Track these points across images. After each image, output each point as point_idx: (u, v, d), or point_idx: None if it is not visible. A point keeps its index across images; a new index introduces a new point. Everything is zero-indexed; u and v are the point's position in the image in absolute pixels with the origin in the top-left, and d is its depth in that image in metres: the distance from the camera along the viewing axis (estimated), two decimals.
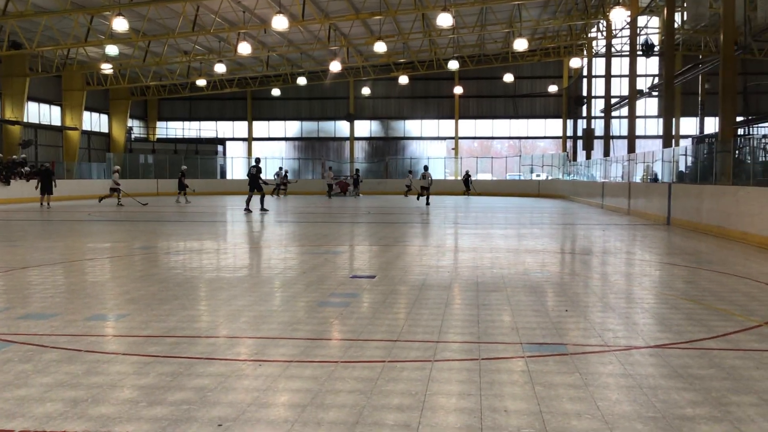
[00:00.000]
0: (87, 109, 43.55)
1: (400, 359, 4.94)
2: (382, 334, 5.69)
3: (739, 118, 34.86)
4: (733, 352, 5.18)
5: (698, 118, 42.08)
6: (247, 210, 22.96)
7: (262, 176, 23.02)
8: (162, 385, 4.30)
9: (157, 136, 52.65)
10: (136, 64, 39.01)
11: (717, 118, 20.04)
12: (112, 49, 32.32)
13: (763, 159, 16.65)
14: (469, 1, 30.88)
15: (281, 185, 39.50)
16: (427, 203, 29.31)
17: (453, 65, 39.17)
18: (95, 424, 3.64)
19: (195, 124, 53.32)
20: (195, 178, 38.86)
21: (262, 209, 23.07)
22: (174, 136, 52.44)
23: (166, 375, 4.52)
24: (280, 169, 42.53)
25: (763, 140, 18.87)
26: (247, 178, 23.32)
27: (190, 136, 52.45)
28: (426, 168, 31.36)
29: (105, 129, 48.07)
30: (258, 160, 23.55)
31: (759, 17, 24.51)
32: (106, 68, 37.77)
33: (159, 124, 53.55)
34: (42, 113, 40.95)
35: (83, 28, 31.15)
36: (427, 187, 29.84)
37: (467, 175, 41.66)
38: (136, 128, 51.69)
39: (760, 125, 35.92)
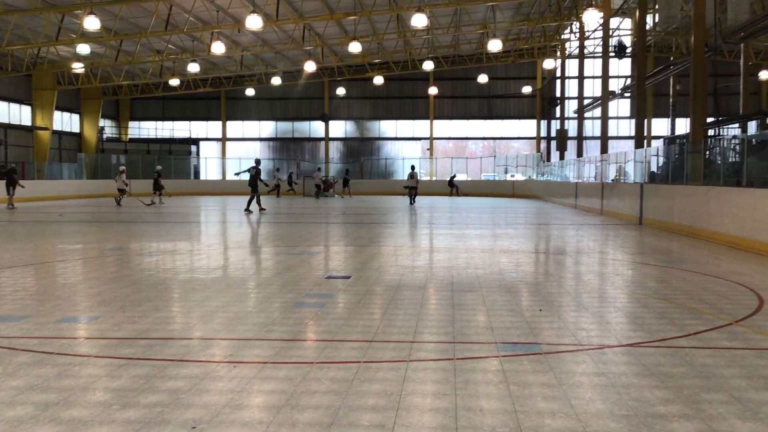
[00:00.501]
0: (58, 108, 42.99)
1: (376, 360, 4.94)
2: (357, 335, 5.69)
3: (709, 119, 35.31)
4: (704, 350, 5.25)
5: (670, 119, 42.60)
6: (248, 210, 23.22)
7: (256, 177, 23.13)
8: (135, 388, 4.26)
9: (129, 136, 52.10)
10: (108, 63, 38.59)
11: (688, 119, 20.34)
12: (83, 48, 31.91)
13: (733, 160, 16.89)
14: (444, 2, 30.99)
15: (288, 186, 39.38)
16: (412, 202, 30.33)
17: (428, 66, 39.26)
18: (67, 428, 3.59)
19: (168, 124, 52.85)
20: (168, 178, 38.49)
21: (247, 209, 23.12)
22: (147, 136, 51.94)
23: (139, 377, 4.48)
24: (278, 170, 42.33)
25: (733, 141, 19.14)
26: (247, 178, 23.40)
27: (163, 136, 51.97)
28: (413, 168, 32.79)
29: (76, 129, 47.48)
30: (258, 162, 23.96)
31: (729, 19, 24.89)
32: (78, 67, 37.31)
33: (131, 123, 53.01)
34: (12, 113, 40.34)
35: (54, 26, 30.76)
36: (414, 187, 31.15)
37: (453, 177, 42.12)
38: (108, 128, 51.11)
39: (730, 126, 36.42)
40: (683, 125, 42.94)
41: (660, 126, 47.50)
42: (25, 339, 5.51)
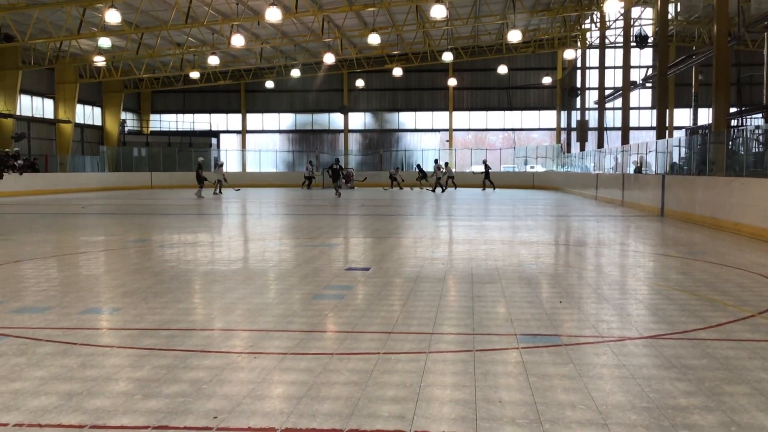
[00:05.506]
0: (80, 101, 43.36)
1: (395, 351, 4.95)
2: (376, 326, 5.70)
3: (732, 110, 34.90)
4: (726, 342, 5.21)
5: (692, 110, 42.10)
6: (338, 195, 29.48)
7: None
8: (157, 378, 4.30)
9: (150, 129, 52.46)
10: (129, 57, 38.85)
11: (710, 110, 20.09)
12: (104, 42, 32.20)
13: (756, 150, 16.67)
14: None
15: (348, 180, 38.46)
16: (443, 190, 35.06)
17: (447, 57, 39.07)
18: (90, 417, 3.64)
19: (189, 117, 53.11)
20: (189, 170, 38.72)
21: (338, 194, 29.63)
22: (167, 129, 52.25)
23: (161, 368, 4.52)
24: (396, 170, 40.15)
25: (756, 131, 18.89)
26: (329, 172, 30.90)
27: (183, 128, 52.26)
28: (436, 161, 37.67)
29: (98, 122, 47.86)
30: (337, 160, 32.78)
31: (752, 8, 24.52)
32: (99, 61, 37.60)
33: (152, 116, 53.34)
34: (35, 106, 40.74)
35: (76, 20, 31.01)
36: (439, 177, 35.71)
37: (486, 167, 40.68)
38: (130, 121, 51.45)
39: (753, 116, 35.95)
40: (706, 115, 42.40)
41: (682, 116, 46.97)
42: (49, 330, 5.59)
